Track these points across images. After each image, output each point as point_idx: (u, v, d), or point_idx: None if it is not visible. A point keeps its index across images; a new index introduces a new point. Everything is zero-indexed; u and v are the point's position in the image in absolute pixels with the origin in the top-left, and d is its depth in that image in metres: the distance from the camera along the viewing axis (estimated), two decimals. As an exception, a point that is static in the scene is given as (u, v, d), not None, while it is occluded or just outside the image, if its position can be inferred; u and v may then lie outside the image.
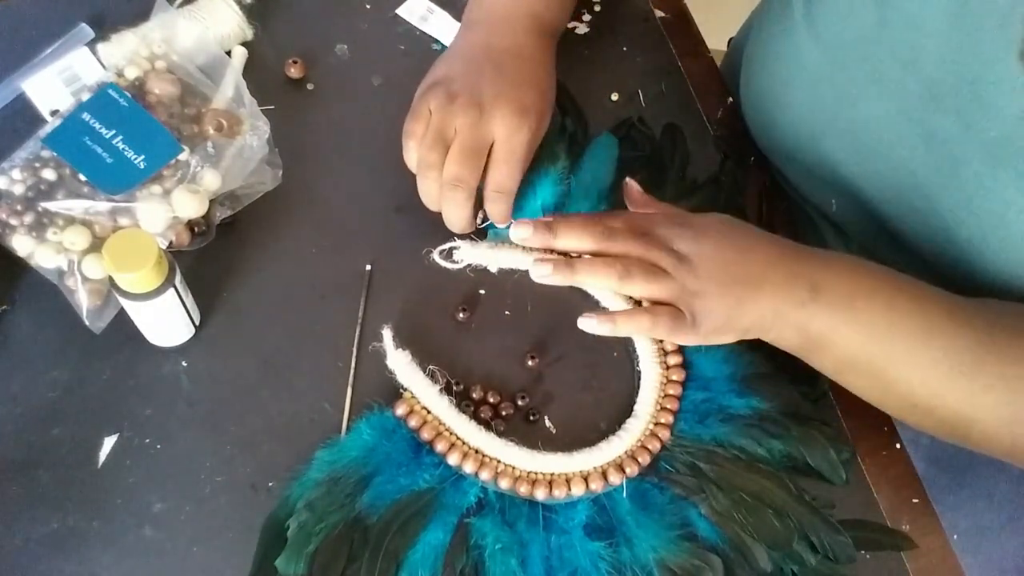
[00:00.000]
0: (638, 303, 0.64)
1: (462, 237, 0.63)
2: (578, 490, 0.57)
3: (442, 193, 0.59)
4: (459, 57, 0.63)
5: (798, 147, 0.65)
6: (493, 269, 0.65)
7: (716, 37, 0.88)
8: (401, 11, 0.76)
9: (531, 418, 0.60)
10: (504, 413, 0.60)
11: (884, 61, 0.55)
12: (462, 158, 0.58)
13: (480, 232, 0.66)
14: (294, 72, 0.70)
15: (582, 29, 0.77)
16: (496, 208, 0.61)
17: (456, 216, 0.61)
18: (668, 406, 0.60)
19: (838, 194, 0.65)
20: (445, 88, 0.60)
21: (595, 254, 0.55)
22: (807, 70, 0.61)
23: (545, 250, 0.64)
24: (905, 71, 0.54)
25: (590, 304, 0.65)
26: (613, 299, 0.64)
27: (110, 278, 0.53)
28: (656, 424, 0.60)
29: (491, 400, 0.60)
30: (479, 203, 0.62)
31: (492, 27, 0.64)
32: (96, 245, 0.57)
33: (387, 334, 0.59)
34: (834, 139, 0.61)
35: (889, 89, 0.55)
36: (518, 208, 0.66)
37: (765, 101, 0.67)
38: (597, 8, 0.79)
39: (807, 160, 0.65)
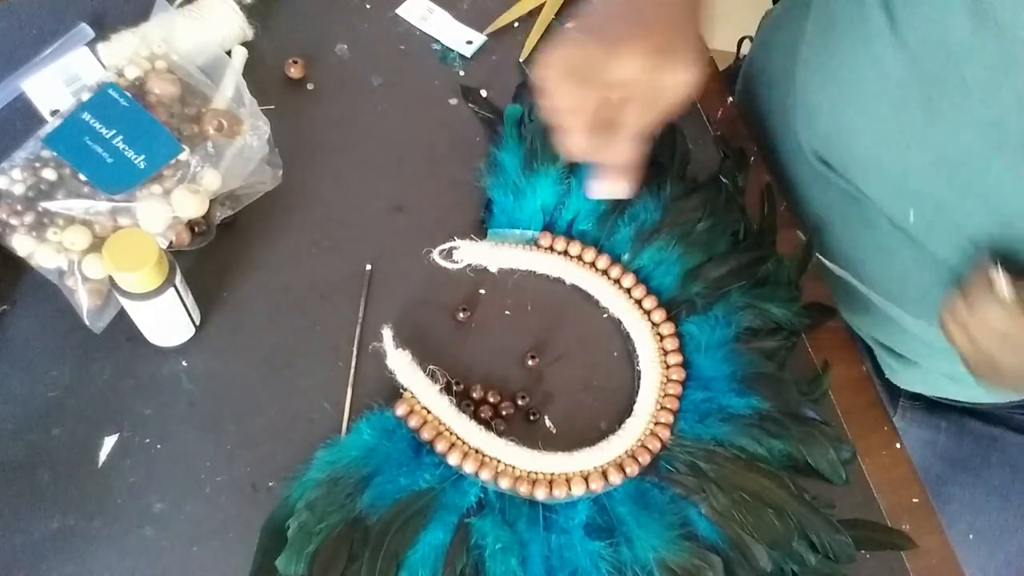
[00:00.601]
0: (640, 305, 0.64)
1: (462, 237, 0.63)
2: (578, 490, 0.57)
3: (615, 143, 0.55)
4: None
5: (877, 157, 0.62)
6: (493, 269, 0.65)
7: (717, 37, 0.88)
8: (401, 11, 0.76)
9: (531, 418, 0.60)
10: (504, 413, 0.60)
11: (976, 71, 0.52)
12: (639, 110, 0.54)
13: (480, 232, 0.66)
14: (294, 72, 0.70)
15: (582, 29, 0.77)
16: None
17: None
18: (668, 406, 0.61)
19: (918, 204, 0.62)
20: (600, 29, 0.54)
21: None
22: (892, 79, 0.58)
23: (546, 249, 0.64)
24: (999, 81, 0.51)
25: (590, 304, 0.65)
26: (614, 299, 0.64)
27: (110, 278, 0.53)
28: (656, 424, 0.60)
29: (491, 400, 0.60)
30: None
31: None
32: (96, 245, 0.57)
33: (387, 334, 0.59)
34: (921, 151, 0.58)
35: (982, 100, 0.53)
36: (518, 208, 0.66)
37: (841, 107, 0.63)
38: (597, 8, 0.79)
39: (887, 170, 0.62)
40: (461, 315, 0.63)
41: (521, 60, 0.75)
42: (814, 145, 0.68)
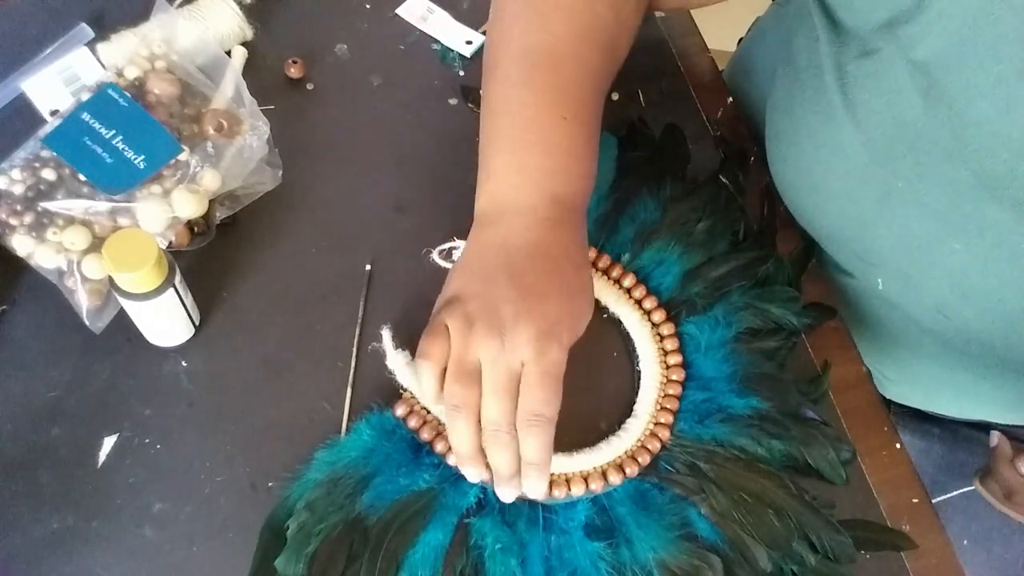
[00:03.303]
0: (640, 305, 0.64)
1: (462, 237, 0.63)
2: (578, 490, 0.57)
3: (489, 442, 0.52)
4: (473, 268, 0.57)
5: (841, 232, 0.62)
6: (493, 269, 0.65)
7: (716, 37, 0.88)
8: (401, 11, 0.76)
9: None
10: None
11: (931, 152, 0.51)
12: (498, 401, 0.52)
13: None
14: (294, 72, 0.70)
15: (582, 29, 0.77)
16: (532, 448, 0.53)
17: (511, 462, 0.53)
18: (668, 406, 0.60)
19: (884, 276, 0.62)
20: (462, 309, 0.54)
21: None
22: (849, 158, 0.56)
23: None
24: (953, 161, 0.50)
25: (596, 310, 0.65)
26: (614, 299, 0.64)
27: (110, 278, 0.53)
28: (656, 424, 0.60)
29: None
30: None
31: (504, 223, 0.56)
32: (96, 245, 0.57)
33: (387, 334, 0.59)
34: (881, 228, 0.58)
35: (938, 180, 0.52)
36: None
37: (802, 183, 0.63)
38: (597, 8, 0.79)
39: (851, 244, 0.62)
40: (461, 315, 0.63)
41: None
42: (783, 195, 0.67)
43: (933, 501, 0.62)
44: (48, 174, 0.58)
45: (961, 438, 0.78)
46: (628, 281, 0.64)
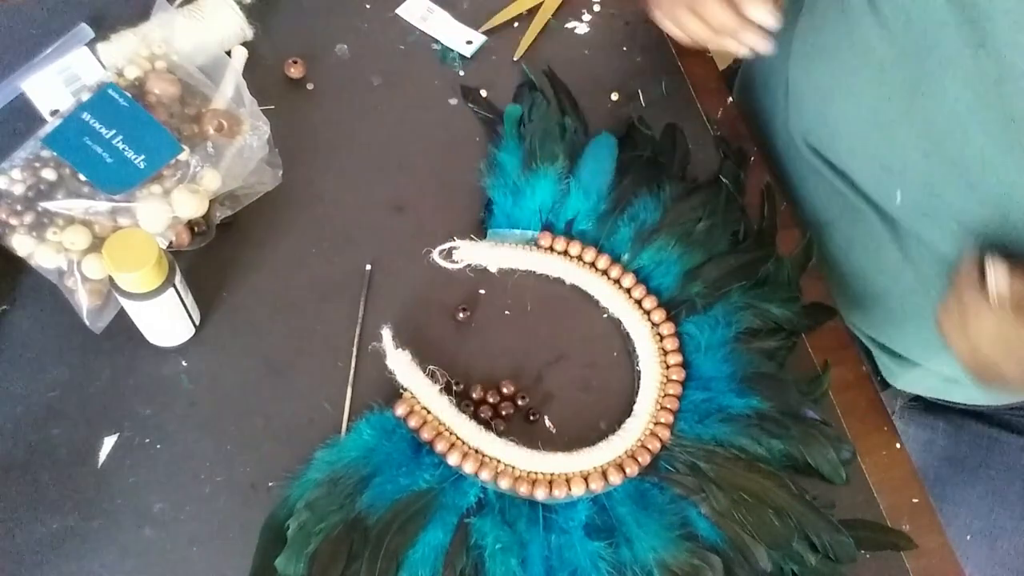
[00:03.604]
0: (640, 305, 0.64)
1: (462, 237, 0.63)
2: (578, 490, 0.57)
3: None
4: None
5: (863, 137, 0.63)
6: (493, 269, 0.65)
7: (716, 37, 0.88)
8: (401, 11, 0.76)
9: (531, 418, 0.60)
10: (504, 413, 0.60)
11: (956, 45, 0.53)
12: None
13: (480, 232, 0.66)
14: (294, 72, 0.70)
15: (582, 29, 0.77)
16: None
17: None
18: (668, 406, 0.60)
19: (904, 185, 0.63)
20: None
21: None
22: (874, 59, 0.59)
23: (546, 249, 0.65)
24: (978, 54, 0.52)
25: (590, 304, 0.65)
26: (614, 299, 0.64)
27: (110, 278, 0.53)
28: (656, 424, 0.60)
29: (491, 400, 0.60)
30: None
31: None
32: (96, 245, 0.57)
33: (387, 334, 0.59)
34: (904, 128, 0.59)
35: (963, 74, 0.54)
36: (518, 208, 0.66)
37: (824, 92, 0.65)
38: (597, 8, 0.79)
39: (873, 150, 0.63)
40: (461, 315, 0.63)
41: (515, 59, 0.75)
42: (804, 133, 0.69)
43: (935, 495, 0.62)
44: (48, 174, 0.57)
45: (965, 433, 0.78)
46: (628, 281, 0.64)
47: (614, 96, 0.74)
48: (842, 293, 0.73)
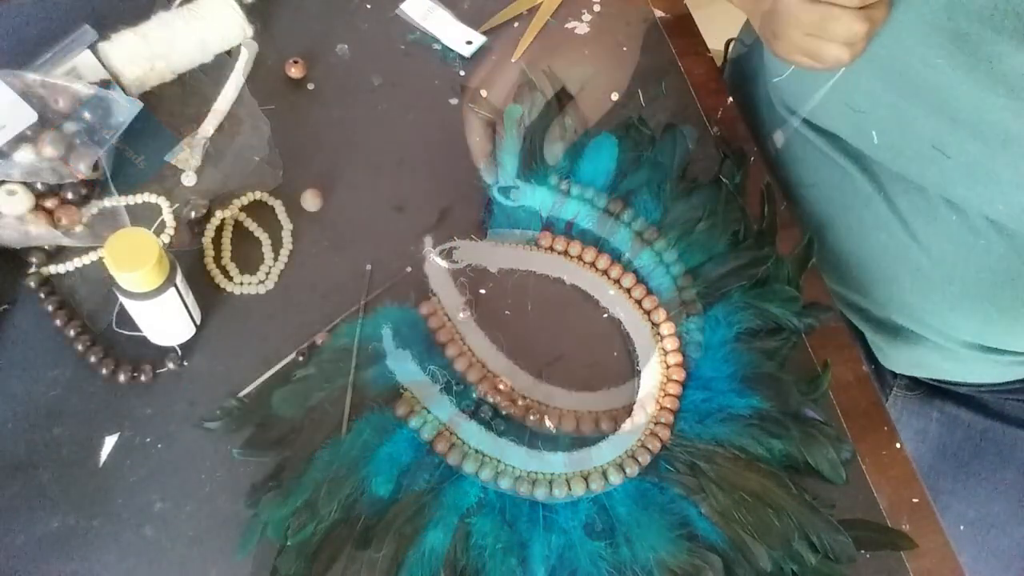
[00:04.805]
0: (640, 305, 0.64)
1: (462, 237, 0.63)
2: (578, 490, 0.57)
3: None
4: None
5: (830, 81, 0.64)
6: (493, 269, 0.65)
7: (716, 37, 0.88)
8: (401, 10, 0.76)
9: (531, 418, 0.60)
10: (504, 413, 0.60)
11: None
12: None
13: (480, 232, 0.66)
14: (294, 72, 0.70)
15: (582, 29, 0.77)
16: None
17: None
18: (668, 406, 0.61)
19: (877, 125, 0.64)
20: None
21: None
22: None
23: (547, 249, 0.65)
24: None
25: (590, 304, 0.65)
26: (614, 299, 0.64)
27: (111, 277, 0.53)
28: (656, 424, 0.60)
29: (491, 400, 0.60)
30: None
31: None
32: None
33: (387, 334, 0.59)
34: (865, 62, 0.59)
35: (913, 3, 0.55)
36: (518, 208, 0.66)
37: None
38: (597, 8, 0.79)
39: (840, 94, 0.64)
40: (461, 315, 0.63)
41: (514, 59, 0.75)
42: (782, 96, 0.70)
43: (929, 486, 0.62)
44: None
45: (959, 422, 0.78)
46: (628, 281, 0.65)
47: (614, 96, 0.74)
48: (831, 262, 0.73)
